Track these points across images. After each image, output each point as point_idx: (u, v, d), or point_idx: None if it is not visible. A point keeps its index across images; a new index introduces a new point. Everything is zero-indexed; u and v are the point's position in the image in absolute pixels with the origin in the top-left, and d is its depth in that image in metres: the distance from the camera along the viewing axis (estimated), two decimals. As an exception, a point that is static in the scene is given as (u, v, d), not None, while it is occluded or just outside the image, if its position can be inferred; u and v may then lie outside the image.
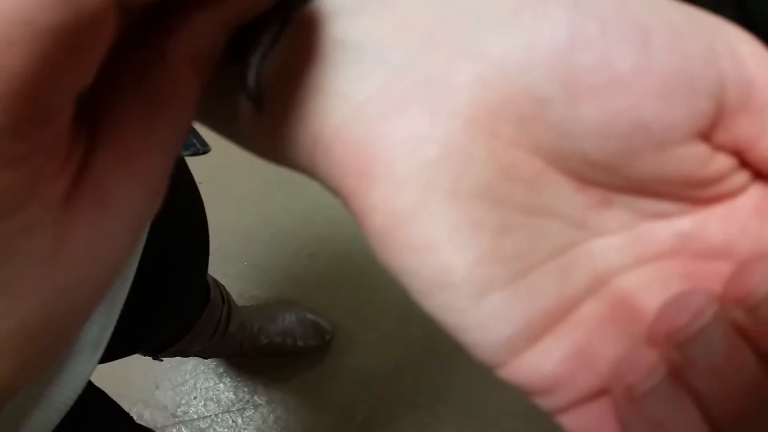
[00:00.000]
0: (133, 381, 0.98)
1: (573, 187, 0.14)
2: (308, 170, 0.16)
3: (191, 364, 1.00)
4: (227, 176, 1.07)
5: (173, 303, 0.62)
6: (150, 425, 0.95)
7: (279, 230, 1.08)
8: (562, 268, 0.14)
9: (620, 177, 0.14)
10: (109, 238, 0.12)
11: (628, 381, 0.13)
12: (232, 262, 1.06)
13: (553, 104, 0.13)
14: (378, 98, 0.14)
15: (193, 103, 0.13)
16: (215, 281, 0.85)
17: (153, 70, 0.13)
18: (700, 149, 0.14)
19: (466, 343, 0.14)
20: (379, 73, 0.14)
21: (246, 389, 0.98)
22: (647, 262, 0.15)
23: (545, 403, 0.14)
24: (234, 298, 0.92)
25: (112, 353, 0.54)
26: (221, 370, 0.99)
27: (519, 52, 0.13)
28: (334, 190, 0.15)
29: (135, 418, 0.88)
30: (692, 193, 0.14)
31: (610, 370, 0.14)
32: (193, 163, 0.57)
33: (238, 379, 0.99)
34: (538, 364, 0.14)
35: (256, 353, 0.96)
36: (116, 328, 0.40)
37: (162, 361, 0.81)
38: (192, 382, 0.98)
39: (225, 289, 0.88)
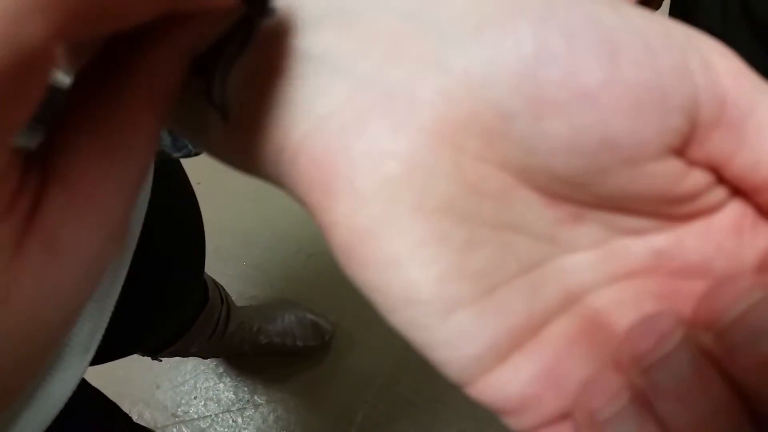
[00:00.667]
0: (134, 381, 0.98)
1: (543, 202, 0.14)
2: (277, 182, 0.15)
3: (191, 364, 1.00)
4: (226, 176, 1.06)
5: (168, 303, 0.62)
6: (150, 425, 0.96)
7: (278, 230, 1.08)
8: (532, 284, 0.14)
9: (590, 193, 0.14)
10: (61, 286, 0.12)
11: (592, 405, 0.13)
12: (232, 262, 1.06)
13: (518, 119, 0.13)
14: (341, 112, 0.13)
15: (153, 144, 0.13)
16: (214, 282, 0.85)
17: (109, 113, 0.12)
18: (674, 165, 0.13)
19: (433, 360, 0.14)
20: (342, 85, 0.14)
21: (246, 389, 0.98)
22: (620, 280, 0.14)
23: (513, 423, 0.14)
24: (233, 298, 0.92)
25: (108, 354, 0.54)
26: (221, 369, 0.99)
27: (483, 66, 0.13)
28: (300, 203, 0.15)
29: (135, 417, 0.88)
30: (667, 209, 0.14)
31: (578, 391, 0.14)
32: (192, 164, 0.57)
33: (238, 378, 0.99)
34: (505, 384, 0.14)
35: (256, 353, 0.96)
36: (111, 329, 0.40)
37: (161, 361, 0.81)
38: (192, 382, 0.98)
39: (224, 289, 0.88)
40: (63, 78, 0.14)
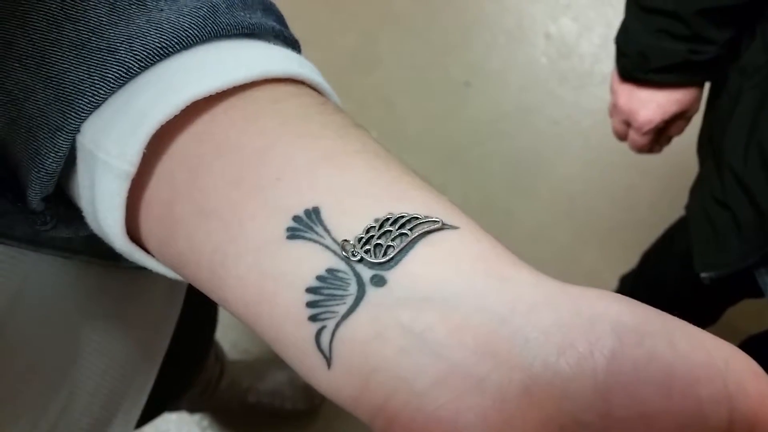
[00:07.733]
0: (117, 425, 0.97)
1: None
2: (363, 418, 0.18)
3: (176, 413, 1.00)
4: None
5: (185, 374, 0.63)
6: (128, 473, 0.95)
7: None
8: None
9: None
10: None
11: None
12: (226, 311, 1.06)
13: (590, 428, 0.15)
14: (436, 393, 0.16)
15: None
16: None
17: None
18: None
19: None
20: (437, 367, 0.16)
21: (228, 446, 0.98)
22: None
23: None
24: (226, 348, 0.92)
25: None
26: (205, 423, 0.99)
27: (564, 381, 0.15)
28: None
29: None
30: None
31: None
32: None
33: (221, 434, 0.99)
34: None
35: (243, 411, 0.96)
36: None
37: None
38: (175, 431, 0.98)
39: (219, 345, 0.89)
40: None
